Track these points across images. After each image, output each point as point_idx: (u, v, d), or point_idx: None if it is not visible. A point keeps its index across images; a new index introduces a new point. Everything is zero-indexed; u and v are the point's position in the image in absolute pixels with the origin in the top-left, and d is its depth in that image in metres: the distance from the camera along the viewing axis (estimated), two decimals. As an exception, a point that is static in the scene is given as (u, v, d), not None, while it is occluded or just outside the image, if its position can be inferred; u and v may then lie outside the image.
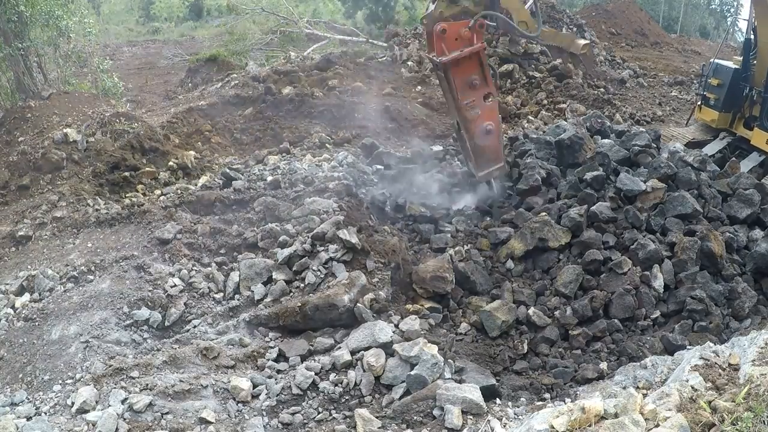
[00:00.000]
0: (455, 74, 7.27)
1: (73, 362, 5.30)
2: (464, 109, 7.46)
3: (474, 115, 7.53)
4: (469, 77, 7.30)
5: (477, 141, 7.73)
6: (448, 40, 7.03)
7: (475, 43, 7.14)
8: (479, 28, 7.16)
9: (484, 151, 7.90)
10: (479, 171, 8.10)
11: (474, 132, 7.66)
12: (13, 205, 8.41)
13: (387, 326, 5.62)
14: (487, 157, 7.98)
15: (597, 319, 6.71)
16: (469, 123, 7.58)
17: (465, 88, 7.35)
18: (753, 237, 7.85)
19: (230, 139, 12.08)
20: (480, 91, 7.44)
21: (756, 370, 3.91)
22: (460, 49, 7.08)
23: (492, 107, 7.67)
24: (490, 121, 7.64)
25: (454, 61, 7.12)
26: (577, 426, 3.64)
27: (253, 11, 25.85)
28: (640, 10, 29.79)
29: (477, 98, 7.45)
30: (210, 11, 40.73)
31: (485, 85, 7.46)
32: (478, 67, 7.29)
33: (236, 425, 4.83)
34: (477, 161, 8.02)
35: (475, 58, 7.23)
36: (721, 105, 11.41)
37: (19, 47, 10.41)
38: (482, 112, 7.56)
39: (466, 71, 7.27)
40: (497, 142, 7.97)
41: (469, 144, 7.89)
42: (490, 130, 7.67)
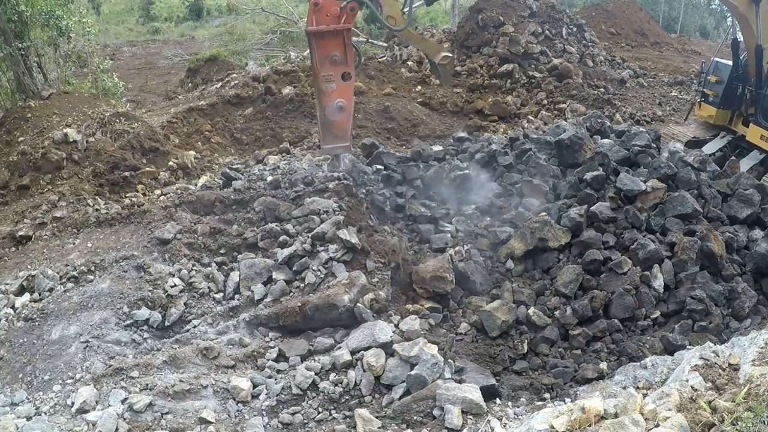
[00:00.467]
0: (318, 46, 7.66)
1: (73, 362, 5.30)
2: (321, 80, 7.81)
3: (329, 89, 7.86)
4: (330, 52, 7.67)
5: (328, 114, 8.04)
6: (320, 14, 7.48)
7: (342, 23, 7.58)
8: (350, 11, 7.58)
9: (333, 126, 8.17)
10: (324, 144, 8.42)
11: (326, 105, 7.97)
12: (13, 205, 8.41)
13: (387, 326, 5.62)
14: (334, 133, 8.25)
15: (597, 319, 6.71)
16: (323, 95, 7.91)
17: (325, 61, 7.70)
18: (753, 237, 7.85)
19: (230, 139, 12.10)
20: (339, 68, 7.75)
21: (756, 370, 3.91)
22: (327, 24, 7.54)
23: (348, 86, 7.98)
24: (343, 99, 7.94)
25: (319, 33, 7.56)
26: (577, 426, 3.64)
27: (253, 11, 25.88)
28: (640, 10, 29.80)
29: (335, 74, 7.77)
30: (210, 11, 40.77)
31: (345, 64, 7.78)
32: (341, 45, 7.68)
33: (236, 425, 4.83)
34: (324, 134, 8.34)
35: (339, 36, 7.63)
36: (719, 101, 11.49)
37: (19, 47, 10.40)
38: (337, 88, 7.88)
39: (329, 46, 7.66)
40: (347, 122, 8.24)
41: (319, 115, 8.27)
42: (342, 107, 7.96)
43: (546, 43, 17.70)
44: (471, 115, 14.93)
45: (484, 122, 14.47)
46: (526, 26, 17.59)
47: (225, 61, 20.37)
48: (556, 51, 17.72)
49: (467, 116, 14.85)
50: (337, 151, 8.48)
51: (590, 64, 18.34)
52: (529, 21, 17.92)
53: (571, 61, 17.54)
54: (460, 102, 15.32)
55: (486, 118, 14.76)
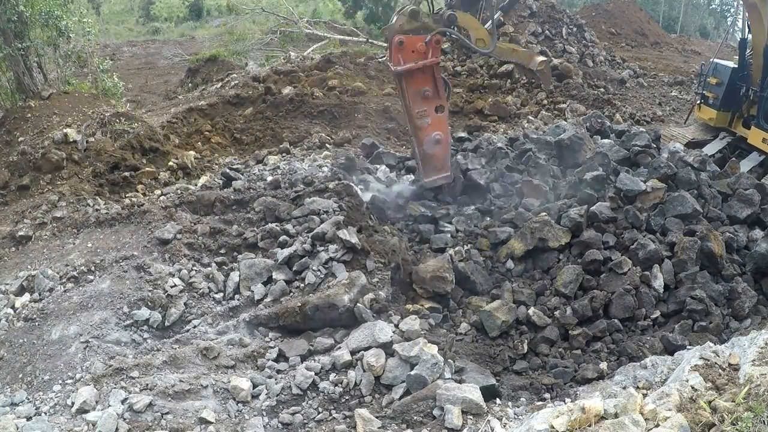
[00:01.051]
0: (408, 84, 7.71)
1: (73, 362, 5.30)
2: (415, 117, 7.91)
3: (424, 124, 7.99)
4: (421, 88, 7.75)
5: (425, 149, 8.16)
6: (405, 52, 7.48)
7: (430, 57, 7.59)
8: (435, 44, 7.59)
9: (432, 159, 8.33)
10: (426, 177, 8.54)
11: (423, 140, 8.09)
12: (13, 205, 8.41)
13: (387, 326, 5.62)
14: (434, 165, 8.41)
15: (597, 319, 6.71)
16: (418, 131, 8.02)
17: (417, 98, 7.79)
18: (753, 237, 7.85)
19: (230, 139, 12.10)
20: (432, 102, 7.87)
21: (756, 370, 3.91)
22: (415, 61, 7.54)
23: (442, 119, 8.11)
24: (439, 131, 8.07)
25: (408, 72, 7.59)
26: (577, 426, 3.64)
27: (253, 11, 25.89)
28: (640, 10, 29.82)
29: (428, 108, 7.89)
30: (210, 11, 40.76)
31: (437, 98, 7.89)
32: (431, 79, 7.75)
33: (236, 425, 4.83)
34: (424, 168, 8.45)
35: (428, 71, 7.69)
36: (720, 104, 11.45)
37: (19, 47, 10.39)
38: (432, 122, 8.00)
39: (419, 82, 7.74)
40: (445, 152, 8.39)
41: (418, 151, 8.32)
42: (439, 139, 8.11)
43: (546, 43, 17.71)
44: (471, 115, 14.93)
45: (484, 122, 14.47)
46: (526, 26, 17.61)
47: (225, 61, 20.37)
48: (556, 51, 17.73)
49: (467, 116, 14.85)
50: (440, 182, 8.60)
51: (590, 64, 18.35)
52: (529, 21, 17.94)
53: (571, 61, 17.56)
54: (460, 102, 15.32)
55: (486, 118, 14.75)
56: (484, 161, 9.88)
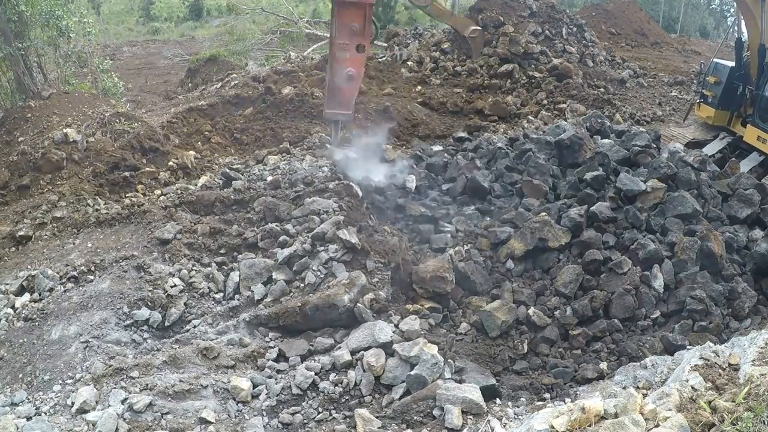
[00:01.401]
0: (339, 14, 7.85)
1: (73, 362, 5.29)
2: (336, 47, 8.04)
3: (342, 56, 8.08)
4: (350, 23, 7.87)
5: (336, 80, 8.26)
6: None
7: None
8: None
9: (339, 93, 8.41)
10: (328, 108, 8.68)
11: (336, 71, 8.18)
12: (13, 205, 8.40)
13: (387, 326, 5.62)
14: (339, 99, 8.47)
15: (597, 319, 6.71)
16: (335, 61, 8.12)
17: (343, 30, 7.92)
18: (753, 237, 7.85)
19: (230, 139, 12.08)
20: (356, 38, 7.96)
21: (756, 370, 3.91)
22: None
23: (360, 58, 8.20)
24: (353, 68, 8.15)
25: (342, 3, 7.78)
26: (577, 426, 3.64)
27: (253, 11, 25.88)
28: (640, 10, 29.78)
29: (350, 43, 8.00)
30: (210, 11, 40.76)
31: (362, 36, 7.98)
32: (362, 18, 7.88)
33: (236, 425, 4.83)
34: (329, 100, 8.58)
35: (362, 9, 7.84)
36: (718, 102, 11.49)
37: (19, 47, 10.39)
38: (350, 57, 8.08)
39: (350, 16, 7.85)
40: (353, 91, 8.49)
41: (328, 80, 8.49)
42: (351, 76, 8.18)
43: (546, 43, 17.68)
44: (471, 115, 14.91)
45: (484, 122, 14.45)
46: (526, 26, 17.57)
47: (225, 61, 20.35)
48: (556, 51, 17.70)
49: (467, 116, 14.83)
50: (339, 117, 8.76)
51: (590, 64, 18.33)
52: (529, 21, 17.91)
53: (571, 61, 17.53)
54: (460, 102, 15.31)
55: (486, 118, 14.74)
56: (484, 161, 9.88)
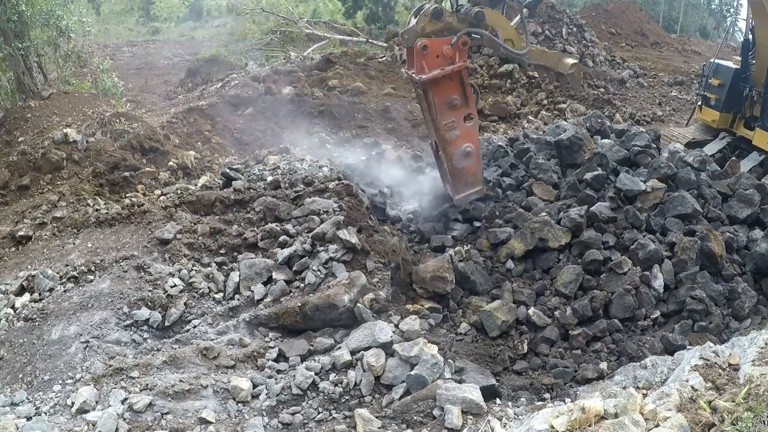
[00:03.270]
0: (435, 93, 7.03)
1: (73, 362, 5.29)
2: (443, 129, 7.23)
3: (453, 137, 7.30)
4: (449, 97, 7.06)
5: (455, 163, 7.51)
6: (429, 58, 6.78)
7: (457, 62, 6.86)
8: (462, 46, 6.84)
9: (463, 173, 7.66)
10: (457, 194, 7.85)
11: (452, 154, 7.43)
12: (13, 205, 8.41)
13: (387, 326, 5.62)
14: (466, 180, 7.74)
15: (597, 319, 6.71)
16: (447, 144, 7.35)
17: (444, 109, 7.12)
18: (753, 237, 7.85)
19: (230, 139, 12.09)
20: (460, 111, 7.22)
21: (756, 370, 3.91)
22: (441, 67, 6.82)
23: (472, 129, 7.45)
24: (469, 143, 7.41)
25: (434, 80, 6.89)
26: (577, 426, 3.64)
27: (253, 11, 25.86)
28: (640, 10, 29.79)
29: (457, 119, 7.23)
30: (210, 11, 40.72)
31: (466, 106, 7.22)
32: (459, 86, 7.06)
33: (236, 425, 4.83)
34: (455, 184, 7.77)
35: (456, 78, 6.99)
36: (722, 105, 11.41)
37: (19, 47, 10.40)
38: (462, 133, 7.33)
39: (446, 91, 7.03)
40: (476, 165, 7.74)
41: (447, 166, 7.63)
42: (469, 152, 7.47)
43: (546, 43, 17.71)
44: (471, 115, 14.91)
45: (484, 122, 14.47)
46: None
47: (225, 61, 20.36)
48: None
49: (467, 116, 14.83)
50: (472, 197, 7.95)
51: (590, 64, 18.35)
52: (529, 21, 17.91)
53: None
54: (460, 102, 15.30)
55: (486, 118, 14.76)
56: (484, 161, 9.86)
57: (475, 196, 7.96)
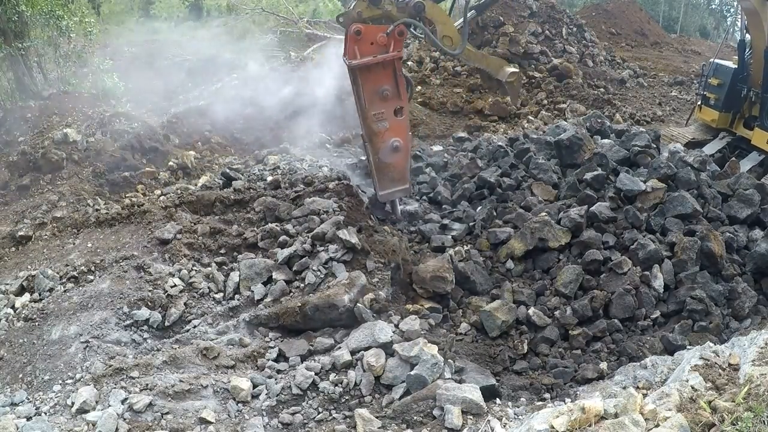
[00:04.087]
0: (365, 81, 6.77)
1: (73, 362, 5.29)
2: (371, 120, 6.95)
3: (381, 128, 7.00)
4: (380, 87, 6.79)
5: (381, 157, 7.19)
6: (363, 44, 6.55)
7: (391, 51, 6.62)
8: (398, 35, 6.63)
9: (389, 168, 7.34)
10: (381, 190, 7.56)
11: (379, 147, 7.12)
12: (13, 205, 8.41)
13: (387, 326, 5.62)
14: (391, 176, 7.41)
15: (597, 319, 6.71)
16: (374, 136, 7.07)
17: (374, 98, 6.85)
18: (753, 237, 7.85)
19: (230, 139, 12.09)
20: (391, 103, 6.93)
21: (756, 370, 3.91)
22: (374, 55, 6.58)
23: (402, 123, 7.14)
24: (398, 137, 7.12)
25: (365, 67, 6.66)
26: (577, 426, 3.64)
27: (253, 11, 25.86)
28: (640, 10, 29.79)
29: (387, 110, 6.95)
30: (210, 11, 40.71)
31: (398, 98, 6.93)
32: (391, 77, 6.79)
33: (236, 425, 4.83)
34: (380, 179, 7.45)
35: (389, 67, 6.74)
36: (722, 105, 11.42)
37: (19, 47, 10.41)
38: (391, 126, 7.03)
39: (377, 80, 6.76)
40: (404, 162, 7.43)
41: (373, 159, 7.30)
42: (398, 147, 7.16)
43: (546, 43, 17.70)
44: (471, 115, 14.93)
45: (484, 122, 14.47)
46: (526, 26, 17.59)
47: (225, 61, 20.33)
48: (556, 51, 17.72)
49: (467, 116, 14.85)
50: (396, 195, 7.66)
51: (590, 64, 18.34)
52: (529, 21, 17.92)
53: (571, 61, 17.55)
54: (460, 102, 15.31)
55: (486, 118, 14.75)
56: (485, 161, 9.88)
57: (401, 194, 7.71)
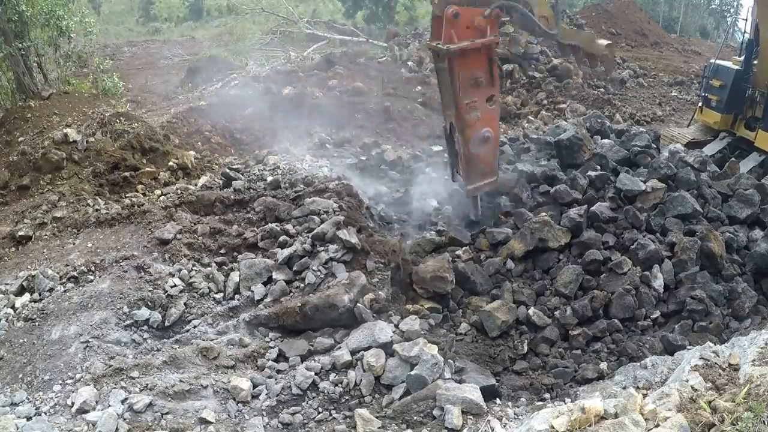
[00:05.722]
0: (461, 67, 6.35)
1: (73, 362, 5.29)
2: (463, 109, 6.58)
3: (473, 118, 6.66)
4: (475, 73, 6.41)
5: (471, 148, 6.88)
6: (460, 27, 6.10)
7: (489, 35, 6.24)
8: (495, 18, 6.24)
9: (478, 161, 7.03)
10: (469, 183, 7.22)
11: (470, 137, 6.79)
12: (13, 205, 8.40)
13: (387, 326, 5.62)
14: (481, 168, 7.11)
15: (597, 319, 6.72)
16: (466, 127, 6.72)
17: (468, 86, 6.47)
18: (753, 237, 7.86)
19: (230, 139, 12.08)
20: (484, 91, 6.59)
21: (756, 370, 3.91)
22: (472, 39, 6.19)
23: (494, 112, 6.89)
24: (489, 128, 6.83)
25: (462, 52, 6.24)
26: (577, 426, 3.64)
27: (253, 11, 25.88)
28: (640, 10, 29.76)
29: (479, 99, 6.60)
30: (210, 11, 40.73)
31: (491, 86, 6.62)
32: (486, 63, 6.43)
33: (236, 425, 4.83)
34: (468, 172, 7.12)
35: (485, 53, 6.38)
36: (724, 106, 11.35)
37: (20, 47, 10.40)
38: (482, 115, 6.71)
39: (473, 66, 6.37)
40: (493, 153, 7.15)
41: (462, 150, 6.99)
42: (488, 137, 6.85)
43: (546, 43, 17.69)
44: (471, 115, 14.91)
45: (484, 122, 14.44)
46: (526, 26, 17.58)
47: (225, 61, 20.34)
48: (556, 51, 17.71)
49: (467, 116, 14.82)
50: (484, 189, 7.31)
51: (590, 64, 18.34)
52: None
53: (571, 61, 17.55)
54: (460, 102, 15.30)
55: (486, 118, 14.73)
56: None
57: (488, 188, 7.39)
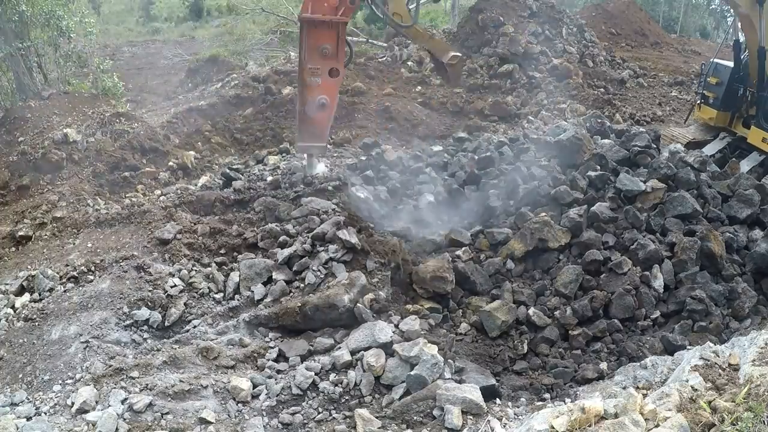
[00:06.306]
0: (309, 35, 7.27)
1: (73, 362, 5.29)
2: (306, 72, 7.40)
3: (313, 83, 7.45)
4: (321, 44, 7.27)
5: (307, 110, 7.64)
6: (318, 2, 7.09)
7: (339, 15, 7.17)
8: (350, 4, 7.15)
9: (312, 123, 7.78)
10: (300, 141, 8.10)
11: (307, 99, 7.56)
12: (13, 205, 8.40)
13: (387, 326, 5.62)
14: (312, 130, 7.84)
15: (597, 319, 6.72)
16: (306, 89, 7.51)
17: (314, 53, 7.30)
18: (753, 237, 7.86)
19: (230, 139, 12.09)
20: (328, 61, 7.38)
21: (756, 370, 3.91)
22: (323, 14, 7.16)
23: (334, 84, 7.59)
24: (326, 96, 7.55)
25: (312, 22, 7.15)
26: (577, 426, 3.64)
27: (253, 11, 25.85)
28: (640, 10, 29.75)
29: (323, 67, 7.40)
30: (210, 11, 40.71)
31: (335, 59, 7.40)
32: (334, 38, 7.28)
33: (236, 425, 4.83)
34: (301, 131, 7.97)
35: (334, 29, 7.25)
36: (720, 103, 11.45)
37: (20, 47, 10.40)
38: (323, 83, 7.47)
39: (321, 37, 7.25)
40: (326, 120, 7.87)
41: (299, 110, 7.85)
42: (324, 104, 7.57)
43: (546, 43, 17.68)
44: (471, 115, 14.92)
45: (484, 122, 14.45)
46: (526, 26, 17.59)
47: (225, 61, 20.34)
48: (556, 51, 17.70)
49: (467, 116, 14.84)
50: (312, 150, 8.16)
51: (590, 64, 18.34)
52: (529, 21, 17.92)
53: (571, 61, 17.53)
54: (460, 102, 15.31)
55: (486, 118, 14.74)
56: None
57: (316, 151, 8.17)
